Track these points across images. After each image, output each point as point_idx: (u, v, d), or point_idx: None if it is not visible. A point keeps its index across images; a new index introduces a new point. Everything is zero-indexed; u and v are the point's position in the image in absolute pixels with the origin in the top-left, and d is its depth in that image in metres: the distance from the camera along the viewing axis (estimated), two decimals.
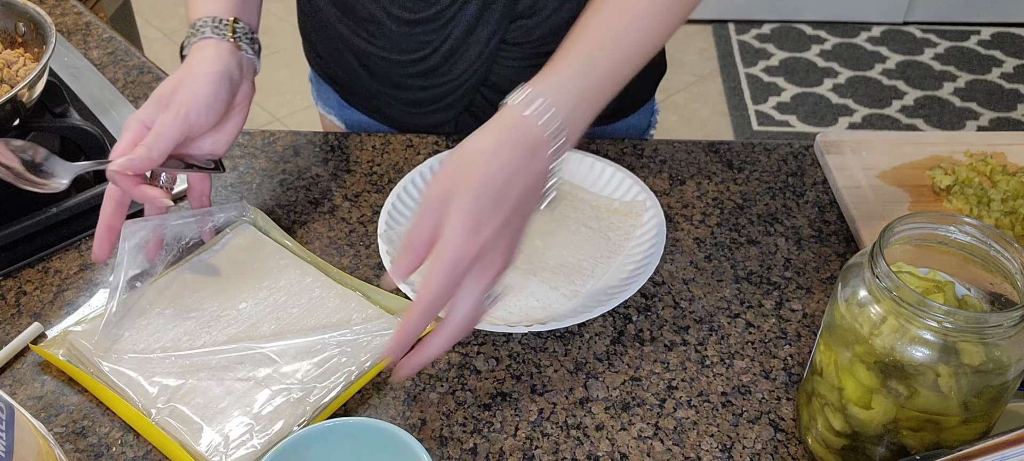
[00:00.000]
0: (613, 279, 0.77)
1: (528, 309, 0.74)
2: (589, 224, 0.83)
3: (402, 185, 0.84)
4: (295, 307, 0.73)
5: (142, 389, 0.66)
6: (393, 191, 0.83)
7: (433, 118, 0.98)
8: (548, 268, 0.78)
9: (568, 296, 0.75)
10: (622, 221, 0.83)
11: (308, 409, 0.65)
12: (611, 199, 0.85)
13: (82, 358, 0.69)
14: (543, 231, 0.82)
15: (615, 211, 0.84)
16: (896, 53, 2.98)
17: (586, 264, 0.79)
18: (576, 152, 0.88)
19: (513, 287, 0.76)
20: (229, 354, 0.69)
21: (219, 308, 0.73)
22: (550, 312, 0.74)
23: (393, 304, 0.74)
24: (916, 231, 0.58)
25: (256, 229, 0.81)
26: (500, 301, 0.63)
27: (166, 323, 0.72)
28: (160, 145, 0.70)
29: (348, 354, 0.69)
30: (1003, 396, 0.55)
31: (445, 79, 0.94)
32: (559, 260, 0.79)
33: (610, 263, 0.79)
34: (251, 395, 0.66)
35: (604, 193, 0.86)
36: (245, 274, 0.76)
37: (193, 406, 0.65)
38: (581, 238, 0.81)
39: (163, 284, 0.75)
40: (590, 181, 0.87)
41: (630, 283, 0.75)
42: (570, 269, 0.78)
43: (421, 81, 0.95)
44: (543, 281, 0.77)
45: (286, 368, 0.68)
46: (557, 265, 0.78)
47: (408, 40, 0.91)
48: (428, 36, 0.90)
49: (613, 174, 0.86)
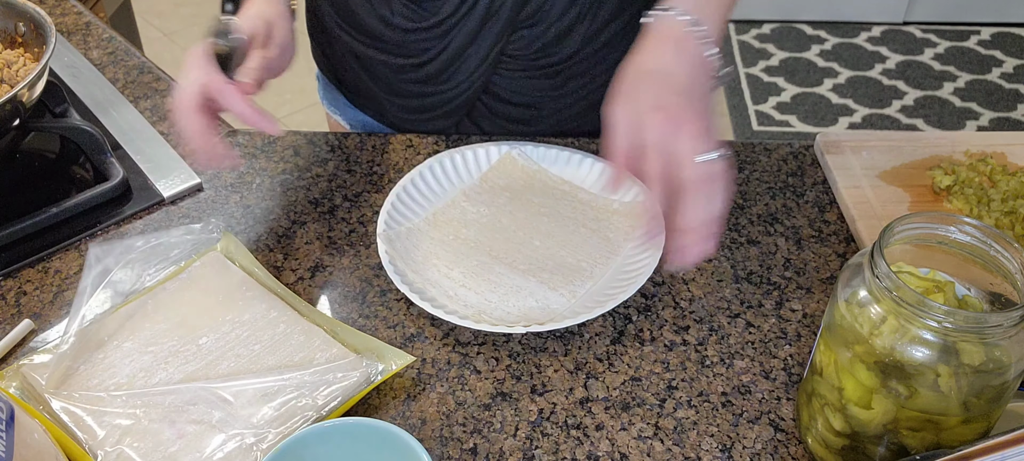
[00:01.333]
0: (612, 280, 0.77)
1: (527, 309, 0.74)
2: (588, 225, 0.83)
3: (401, 185, 0.84)
4: (257, 344, 0.70)
5: (91, 430, 0.64)
6: (392, 191, 0.83)
7: (434, 124, 0.98)
8: (547, 269, 0.78)
9: (566, 296, 0.75)
10: (621, 222, 0.83)
11: (259, 457, 0.62)
12: (611, 200, 0.85)
13: (34, 393, 0.67)
14: (542, 231, 0.82)
15: (615, 212, 0.84)
16: (896, 53, 2.98)
17: (585, 265, 0.79)
18: (577, 152, 0.88)
19: (511, 287, 0.76)
20: (184, 394, 0.66)
21: (179, 342, 0.70)
22: (548, 312, 0.74)
23: (358, 342, 0.71)
24: (916, 231, 0.58)
25: (225, 257, 0.78)
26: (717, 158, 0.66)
27: (123, 358, 0.69)
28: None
29: (307, 397, 0.66)
30: (1003, 396, 0.55)
31: (444, 87, 0.94)
32: (558, 261, 0.79)
33: (609, 264, 0.79)
34: (203, 439, 0.63)
35: (604, 194, 0.86)
36: (209, 306, 0.73)
37: (141, 450, 0.62)
38: (580, 238, 0.81)
39: (124, 315, 0.73)
40: (590, 182, 0.87)
41: (628, 284, 0.75)
42: (569, 270, 0.78)
43: (420, 88, 0.95)
44: (541, 282, 0.77)
45: (242, 411, 0.64)
46: (556, 266, 0.79)
47: (407, 46, 0.91)
48: (427, 44, 0.90)
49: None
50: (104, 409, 0.65)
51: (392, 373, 0.68)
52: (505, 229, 0.82)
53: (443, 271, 0.78)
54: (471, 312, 0.73)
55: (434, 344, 0.73)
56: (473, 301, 0.75)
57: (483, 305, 0.75)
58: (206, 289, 0.75)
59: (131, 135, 0.94)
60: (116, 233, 0.84)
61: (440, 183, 0.87)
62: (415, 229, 0.81)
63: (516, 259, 0.79)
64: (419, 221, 0.82)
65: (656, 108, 0.66)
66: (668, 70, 0.69)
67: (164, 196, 0.87)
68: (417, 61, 0.92)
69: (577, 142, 0.94)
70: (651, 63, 0.70)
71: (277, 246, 0.83)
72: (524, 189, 0.87)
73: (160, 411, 0.65)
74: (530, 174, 0.88)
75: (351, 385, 0.66)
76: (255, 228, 0.84)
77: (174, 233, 0.80)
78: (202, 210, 0.87)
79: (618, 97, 0.69)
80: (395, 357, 0.69)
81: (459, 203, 0.85)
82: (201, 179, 0.89)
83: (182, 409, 0.65)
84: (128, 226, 0.85)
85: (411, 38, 0.90)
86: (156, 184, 0.88)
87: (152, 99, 1.01)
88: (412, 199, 0.84)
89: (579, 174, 0.88)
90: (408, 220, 0.82)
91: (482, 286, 0.76)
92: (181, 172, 0.90)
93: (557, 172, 0.89)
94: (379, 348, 0.70)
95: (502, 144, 0.89)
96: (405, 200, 0.83)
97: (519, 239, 0.81)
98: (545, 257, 0.79)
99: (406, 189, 0.84)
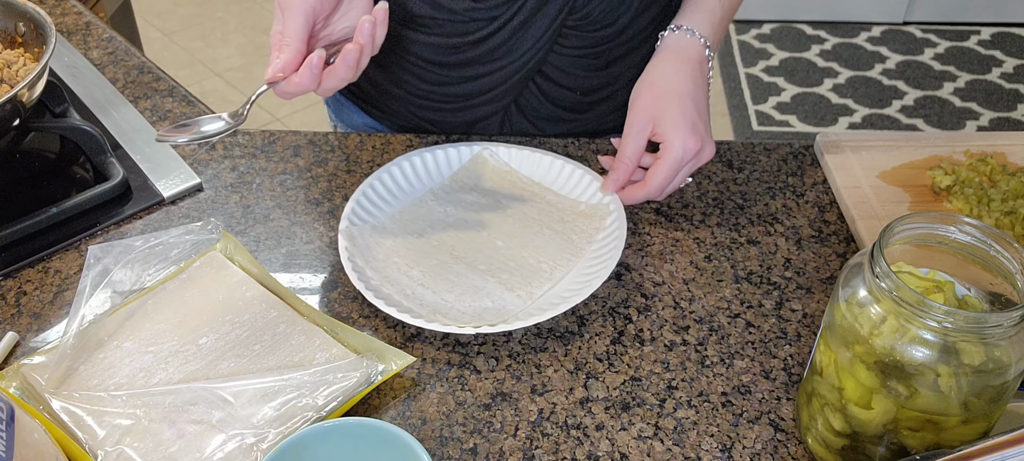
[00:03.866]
0: (571, 282, 0.77)
1: (481, 310, 0.74)
2: (553, 226, 0.83)
3: (368, 183, 0.83)
4: (257, 344, 0.70)
5: (91, 430, 0.63)
6: (358, 189, 0.82)
7: (480, 111, 0.96)
8: (507, 269, 0.78)
9: (523, 297, 0.75)
10: (586, 223, 0.83)
11: (260, 457, 0.62)
12: (577, 202, 0.85)
13: (34, 393, 0.67)
14: (506, 232, 0.82)
15: (580, 213, 0.84)
16: (896, 53, 2.98)
17: (545, 266, 0.78)
18: (547, 154, 0.88)
19: (469, 287, 0.76)
20: (185, 394, 0.66)
21: (179, 342, 0.70)
22: (503, 314, 0.74)
23: (358, 342, 0.71)
24: (916, 231, 0.58)
25: (225, 257, 0.78)
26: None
27: (123, 358, 0.69)
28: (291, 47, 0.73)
29: (308, 397, 0.65)
30: (1003, 396, 0.55)
31: (502, 61, 0.91)
32: (519, 262, 0.79)
33: (570, 266, 0.79)
34: (203, 439, 0.63)
35: (572, 195, 0.86)
36: (209, 306, 0.73)
37: (141, 450, 0.62)
38: (543, 240, 0.81)
39: (124, 315, 0.72)
40: (559, 183, 0.87)
41: (585, 287, 0.74)
42: (529, 271, 0.78)
43: (473, 70, 0.92)
44: (500, 282, 0.76)
45: (242, 411, 0.64)
46: (516, 266, 0.78)
47: (468, 23, 0.89)
48: (494, 12, 0.88)
49: (582, 176, 0.86)
50: (104, 409, 0.65)
51: (392, 373, 0.68)
52: (469, 229, 0.82)
53: (403, 270, 0.78)
54: (426, 311, 0.73)
55: (434, 344, 0.73)
56: (429, 300, 0.75)
57: (439, 304, 0.74)
58: (206, 289, 0.75)
59: (131, 135, 0.94)
60: (116, 233, 0.84)
61: (409, 182, 0.86)
62: (380, 226, 0.81)
63: (477, 259, 0.79)
64: (384, 218, 0.82)
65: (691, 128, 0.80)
66: (692, 94, 0.82)
67: (164, 196, 0.87)
68: (476, 36, 0.90)
69: (549, 143, 0.94)
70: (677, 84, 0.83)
71: (277, 246, 0.83)
72: (492, 189, 0.86)
73: (160, 411, 0.65)
74: (500, 175, 0.88)
75: (351, 385, 0.66)
76: (255, 228, 0.84)
77: (174, 233, 0.80)
78: (202, 210, 0.87)
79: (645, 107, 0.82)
80: (395, 357, 0.69)
81: (427, 202, 0.85)
82: (201, 179, 0.89)
83: (182, 409, 0.65)
84: (128, 226, 0.85)
85: (476, 10, 0.88)
86: (156, 184, 0.88)
87: (152, 99, 1.01)
88: (379, 197, 0.84)
89: (549, 176, 0.88)
90: (374, 217, 0.82)
91: (440, 285, 0.76)
92: (181, 172, 0.90)
93: (527, 173, 0.88)
94: (379, 348, 0.70)
95: (474, 144, 0.89)
96: (372, 198, 0.83)
97: (482, 239, 0.81)
98: (506, 258, 0.79)
99: (373, 186, 0.84)
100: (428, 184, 0.87)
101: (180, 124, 0.73)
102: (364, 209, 0.82)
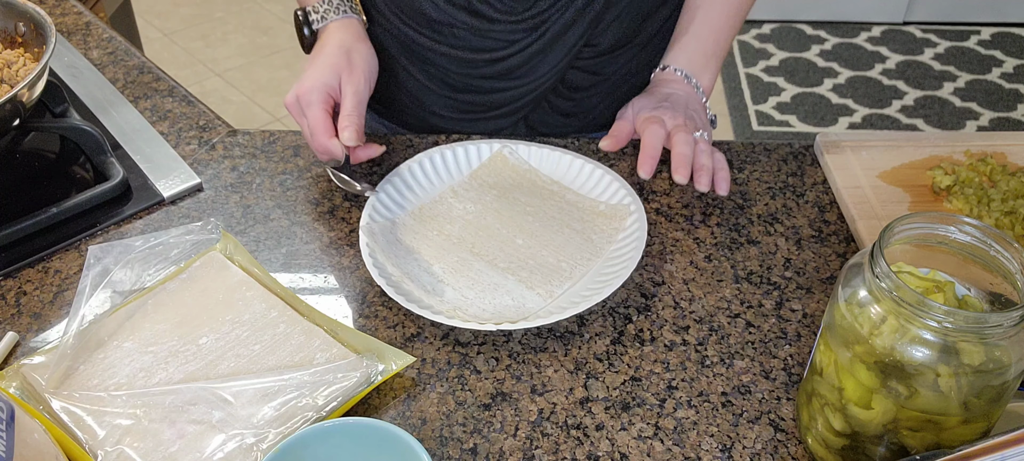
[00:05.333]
0: (590, 282, 0.77)
1: (502, 307, 0.74)
2: (573, 225, 0.83)
3: (389, 180, 0.84)
4: (257, 344, 0.70)
5: (91, 430, 0.63)
6: (379, 186, 0.83)
7: (491, 124, 0.98)
8: (527, 267, 0.78)
9: (543, 296, 0.75)
10: (606, 224, 0.83)
11: (260, 457, 0.62)
12: (597, 201, 0.85)
13: (34, 393, 0.67)
14: (526, 230, 0.82)
15: (600, 213, 0.84)
16: (896, 53, 2.98)
17: (565, 265, 0.79)
18: (567, 153, 0.88)
19: (489, 285, 0.76)
20: (185, 394, 0.66)
21: (179, 342, 0.70)
22: (523, 311, 0.74)
23: (358, 342, 0.70)
24: (916, 231, 0.58)
25: (225, 257, 0.78)
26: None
27: (123, 358, 0.69)
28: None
29: (308, 397, 0.65)
30: (1003, 396, 0.55)
31: (520, 81, 0.93)
32: (539, 260, 0.79)
33: (589, 266, 0.79)
34: (203, 439, 0.63)
35: (592, 195, 0.86)
36: (209, 306, 0.73)
37: (141, 450, 0.62)
38: (563, 239, 0.81)
39: (124, 315, 0.72)
40: (579, 182, 0.87)
41: (605, 286, 0.74)
42: (549, 270, 0.78)
43: (490, 84, 0.93)
44: (520, 280, 0.77)
45: (242, 411, 0.64)
46: (536, 265, 0.78)
47: (486, 40, 0.90)
48: (514, 36, 0.89)
49: (602, 176, 0.86)
50: (104, 409, 0.65)
51: (392, 373, 0.68)
52: (489, 227, 0.82)
53: (423, 266, 0.78)
54: (446, 308, 0.73)
55: (434, 344, 0.73)
56: (450, 297, 0.75)
57: (459, 301, 0.75)
58: (206, 289, 0.75)
59: (131, 135, 0.94)
60: (116, 233, 0.84)
61: (429, 179, 0.87)
62: (400, 223, 0.82)
63: (497, 257, 0.79)
64: (404, 216, 0.83)
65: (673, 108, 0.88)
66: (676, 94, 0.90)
67: (164, 196, 0.87)
68: (496, 55, 0.91)
69: (572, 143, 0.94)
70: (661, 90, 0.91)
71: (277, 246, 0.83)
72: (512, 187, 0.87)
73: (160, 411, 0.65)
74: (520, 173, 0.88)
75: (351, 385, 0.66)
76: (255, 228, 0.84)
77: (174, 233, 0.80)
78: (202, 210, 0.87)
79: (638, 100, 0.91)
80: (395, 357, 0.69)
81: (446, 199, 0.85)
82: (201, 179, 0.89)
83: (182, 409, 0.65)
84: (128, 226, 0.85)
85: (497, 28, 0.89)
86: (156, 184, 0.88)
87: (152, 99, 1.01)
88: (400, 194, 0.84)
89: (569, 175, 0.88)
90: (394, 214, 0.82)
91: (460, 282, 0.76)
92: (181, 172, 0.90)
93: (547, 172, 0.89)
94: (379, 348, 0.70)
95: (494, 142, 0.89)
96: (393, 195, 0.83)
97: (502, 237, 0.81)
98: (526, 256, 0.79)
99: (393, 183, 0.84)
100: (448, 181, 0.87)
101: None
102: (384, 206, 0.82)
